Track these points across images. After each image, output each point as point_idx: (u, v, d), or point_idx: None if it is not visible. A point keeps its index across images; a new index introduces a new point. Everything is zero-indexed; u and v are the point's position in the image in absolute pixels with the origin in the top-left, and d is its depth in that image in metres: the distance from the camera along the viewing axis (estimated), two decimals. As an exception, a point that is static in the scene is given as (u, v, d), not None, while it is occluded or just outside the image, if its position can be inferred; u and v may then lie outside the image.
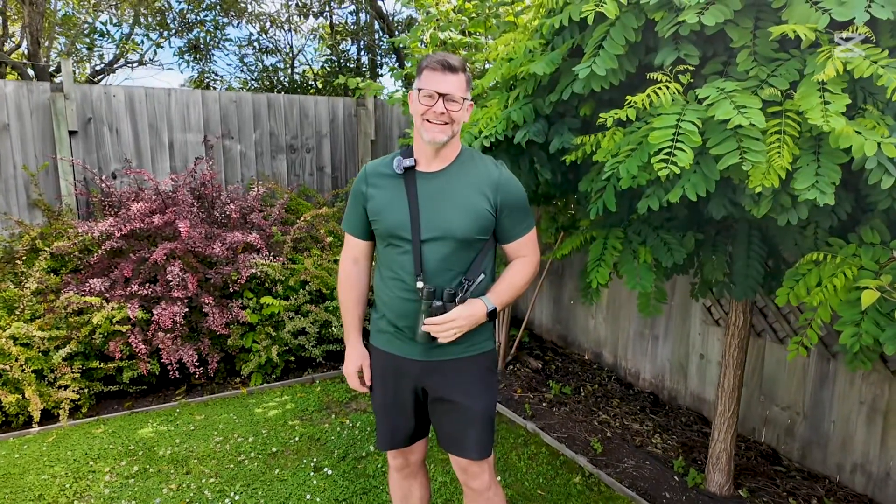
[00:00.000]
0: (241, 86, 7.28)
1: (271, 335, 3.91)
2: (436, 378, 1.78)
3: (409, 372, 1.80)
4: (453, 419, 1.80)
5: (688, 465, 3.05)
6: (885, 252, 1.73)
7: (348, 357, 1.91)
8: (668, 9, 1.72)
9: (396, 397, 1.86)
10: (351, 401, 3.77)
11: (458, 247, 1.68)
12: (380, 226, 1.75)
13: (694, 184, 1.64)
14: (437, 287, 1.65)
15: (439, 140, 1.63)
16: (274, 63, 7.22)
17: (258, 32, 6.79)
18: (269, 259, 3.75)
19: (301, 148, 4.89)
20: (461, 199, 1.67)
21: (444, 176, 1.70)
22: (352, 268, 1.89)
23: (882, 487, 2.78)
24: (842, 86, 1.49)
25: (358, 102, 5.06)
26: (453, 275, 1.69)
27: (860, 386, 2.84)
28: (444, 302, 1.64)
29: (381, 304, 1.82)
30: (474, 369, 1.79)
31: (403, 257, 1.70)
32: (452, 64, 1.62)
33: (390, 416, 1.90)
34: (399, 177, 1.73)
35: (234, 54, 6.77)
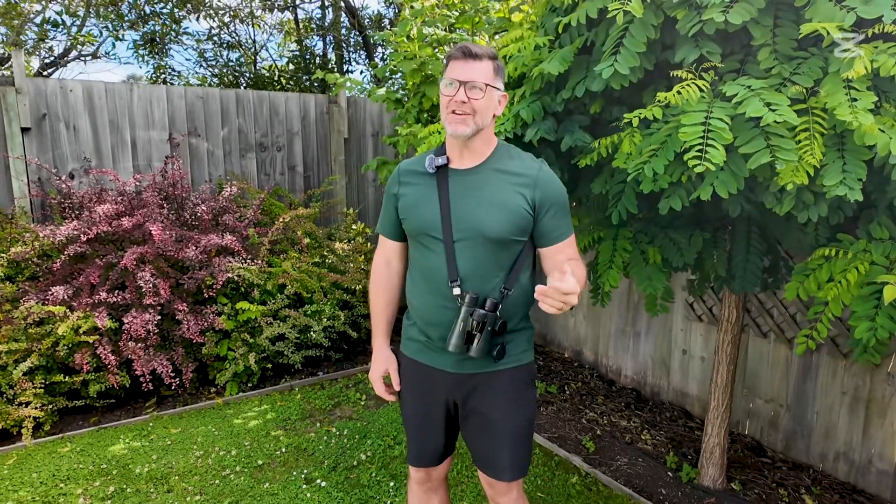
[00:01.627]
0: (199, 82, 6.98)
1: (248, 342, 3.74)
2: (469, 392, 1.69)
3: (441, 384, 1.70)
4: (486, 437, 1.71)
5: (680, 460, 3.09)
6: (895, 248, 1.78)
7: (374, 361, 1.83)
8: (689, 6, 1.71)
9: (427, 411, 1.76)
10: (335, 408, 3.65)
11: (492, 248, 1.59)
12: (409, 224, 1.68)
13: (723, 181, 1.63)
14: (479, 294, 1.57)
15: (461, 133, 1.55)
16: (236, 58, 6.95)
17: (218, 26, 6.53)
18: (247, 262, 3.59)
19: (272, 146, 4.72)
20: (495, 197, 1.58)
21: (477, 173, 1.62)
22: (384, 270, 1.82)
23: (864, 474, 2.88)
24: (867, 83, 1.51)
25: (330, 99, 4.92)
26: (489, 280, 1.59)
27: (843, 377, 2.94)
28: (487, 311, 1.55)
29: (412, 309, 1.74)
30: (510, 383, 1.69)
31: (436, 259, 1.62)
32: (475, 51, 1.54)
33: (421, 431, 1.81)
34: (432, 175, 1.66)
35: (193, 49, 6.47)
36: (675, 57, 1.77)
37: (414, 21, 3.07)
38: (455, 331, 1.56)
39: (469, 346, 1.56)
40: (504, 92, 1.65)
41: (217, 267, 3.48)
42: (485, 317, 1.54)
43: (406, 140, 2.86)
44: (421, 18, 3.07)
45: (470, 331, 1.55)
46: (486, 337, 1.55)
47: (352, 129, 5.02)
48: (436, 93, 3.02)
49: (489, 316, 1.54)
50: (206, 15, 6.15)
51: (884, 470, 2.81)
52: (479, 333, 1.55)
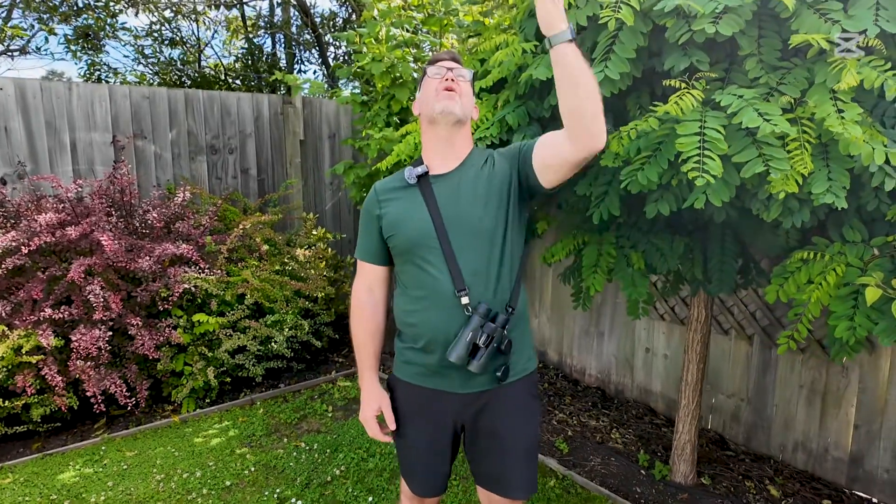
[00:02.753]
0: (136, 79, 6.59)
1: (206, 356, 3.56)
2: (478, 411, 1.63)
3: (448, 407, 1.63)
4: (498, 455, 1.64)
5: (651, 458, 3.15)
6: (868, 249, 1.86)
7: (365, 400, 1.71)
8: (678, 16, 1.73)
9: (434, 439, 1.67)
10: (301, 421, 3.52)
11: (490, 244, 1.55)
12: (399, 240, 1.61)
13: (716, 190, 1.65)
14: (490, 308, 1.53)
15: (452, 110, 1.55)
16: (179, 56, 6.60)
17: (158, 22, 6.17)
18: (205, 272, 3.40)
19: (223, 148, 4.51)
20: (481, 189, 1.57)
21: (457, 174, 1.61)
22: (367, 297, 1.72)
23: (821, 463, 3.03)
24: (851, 94, 1.57)
25: (285, 100, 4.76)
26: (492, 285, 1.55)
27: (800, 370, 3.08)
28: (497, 326, 1.50)
29: (409, 329, 1.63)
30: (518, 397, 1.64)
31: (436, 271, 1.55)
32: (454, 55, 1.68)
33: (427, 461, 1.70)
34: (413, 186, 1.61)
35: (131, 45, 6.10)
36: (665, 65, 1.79)
37: (383, 22, 2.99)
38: (461, 341, 1.49)
39: (471, 360, 1.51)
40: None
41: (172, 277, 3.28)
42: (494, 331, 1.50)
43: (378, 143, 2.78)
44: (389, 20, 3.00)
45: (476, 343, 1.50)
46: (491, 353, 1.51)
47: (308, 131, 4.88)
48: (406, 95, 2.96)
49: (497, 332, 1.50)
50: (145, 9, 5.81)
51: (839, 458, 2.96)
52: (484, 348, 1.50)
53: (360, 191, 3.44)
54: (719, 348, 3.40)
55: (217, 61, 7.07)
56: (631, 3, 1.69)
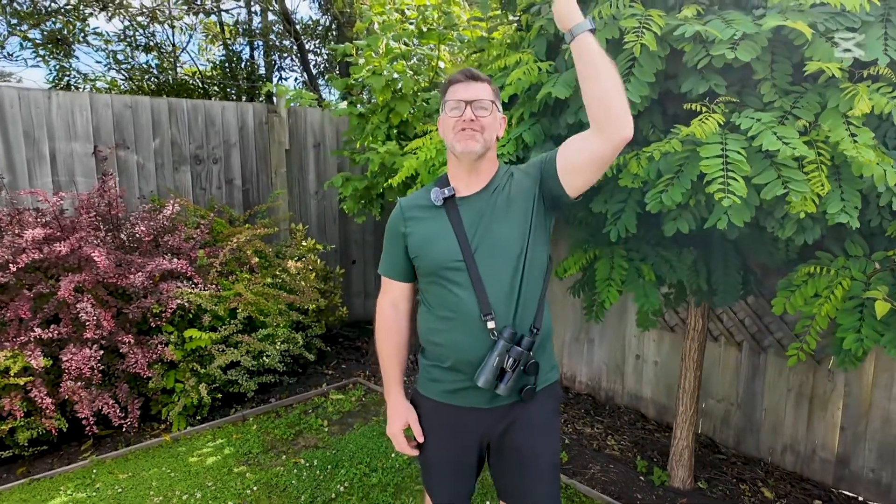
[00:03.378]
0: (108, 86, 6.38)
1: (197, 372, 3.48)
2: (506, 427, 1.65)
3: (472, 425, 1.65)
4: (523, 471, 1.67)
5: (649, 464, 3.22)
6: (870, 264, 1.95)
7: (392, 415, 1.72)
8: (695, 41, 1.79)
9: (459, 456, 1.69)
10: (297, 437, 3.47)
11: (519, 270, 1.57)
12: (425, 261, 1.62)
13: (737, 210, 1.71)
14: (515, 332, 1.55)
15: (472, 150, 1.54)
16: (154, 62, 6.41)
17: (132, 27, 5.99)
18: (200, 286, 3.33)
19: (207, 158, 4.42)
20: (509, 212, 1.58)
21: (484, 197, 1.61)
22: (391, 313, 1.73)
23: (809, 464, 3.15)
24: (862, 119, 1.65)
25: (269, 109, 4.69)
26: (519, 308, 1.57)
27: (788, 375, 3.20)
28: (524, 349, 1.53)
29: (434, 347, 1.65)
30: (541, 410, 1.66)
31: (463, 293, 1.57)
32: (476, 73, 1.58)
33: (453, 477, 1.72)
34: (439, 208, 1.62)
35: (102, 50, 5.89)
36: (682, 88, 1.85)
37: (385, 35, 2.99)
38: (487, 366, 1.52)
39: (498, 384, 1.53)
40: (503, 114, 1.66)
41: (165, 293, 3.20)
42: (521, 355, 1.52)
43: (381, 157, 2.77)
44: (390, 32, 3.00)
45: (504, 367, 1.52)
46: (518, 376, 1.53)
47: (293, 141, 4.82)
48: (406, 108, 2.96)
49: (524, 355, 1.53)
50: (117, 13, 5.63)
51: (826, 458, 3.09)
52: (511, 372, 1.52)
53: (358, 203, 3.42)
54: (710, 355, 3.50)
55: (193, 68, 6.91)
56: (652, 28, 1.74)
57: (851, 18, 1.67)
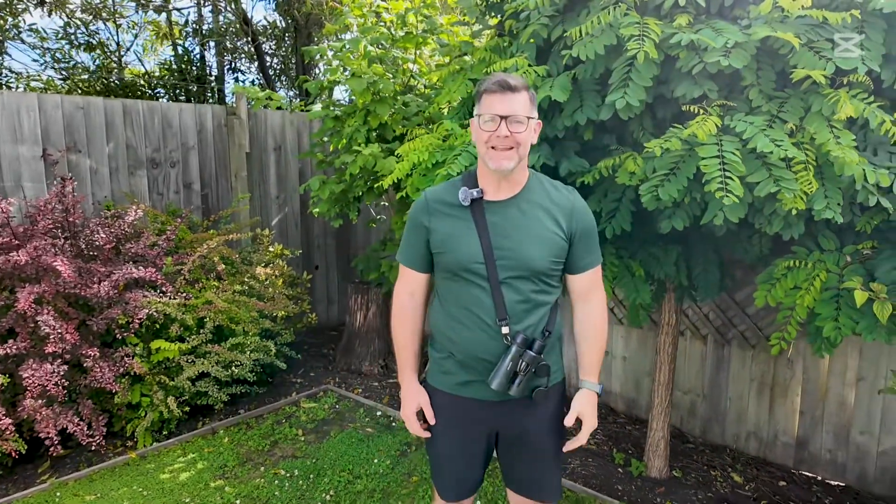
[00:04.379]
0: (44, 85, 5.97)
1: (165, 385, 3.32)
2: (511, 417, 1.68)
3: (482, 416, 1.69)
4: (532, 460, 1.72)
5: (626, 456, 3.33)
6: (842, 257, 2.11)
7: (405, 399, 1.75)
8: (689, 48, 1.88)
9: (466, 447, 1.73)
10: (273, 448, 3.38)
11: (536, 281, 1.60)
12: (446, 258, 1.63)
13: (731, 208, 1.81)
14: (529, 336, 1.59)
15: (506, 168, 1.54)
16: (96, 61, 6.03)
17: (73, 23, 5.64)
18: (169, 296, 3.18)
19: (164, 162, 4.24)
20: (536, 229, 1.59)
21: (514, 205, 1.62)
22: (408, 301, 1.76)
23: (772, 448, 3.35)
24: (843, 122, 1.78)
25: (229, 111, 4.55)
26: (532, 315, 1.61)
27: (750, 366, 3.39)
28: (535, 353, 1.57)
29: (448, 342, 1.68)
30: (548, 404, 1.70)
31: (481, 295, 1.60)
32: (512, 84, 1.52)
33: (461, 467, 1.76)
34: (465, 207, 1.63)
35: (38, 48, 5.51)
36: (676, 92, 1.94)
37: (365, 37, 2.96)
38: (501, 370, 1.56)
39: (511, 386, 1.57)
40: (539, 119, 1.65)
41: (132, 303, 3.04)
42: (533, 359, 1.56)
43: (364, 160, 2.74)
44: (369, 34, 2.97)
45: (516, 371, 1.57)
46: (529, 378, 1.58)
47: (253, 144, 4.69)
48: (386, 111, 2.95)
49: (535, 359, 1.57)
50: (56, 8, 5.29)
51: (787, 442, 3.29)
52: (523, 375, 1.56)
53: (334, 206, 3.37)
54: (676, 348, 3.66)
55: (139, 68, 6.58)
56: (651, 35, 1.82)
57: (830, 30, 1.80)
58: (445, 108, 2.87)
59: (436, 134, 2.45)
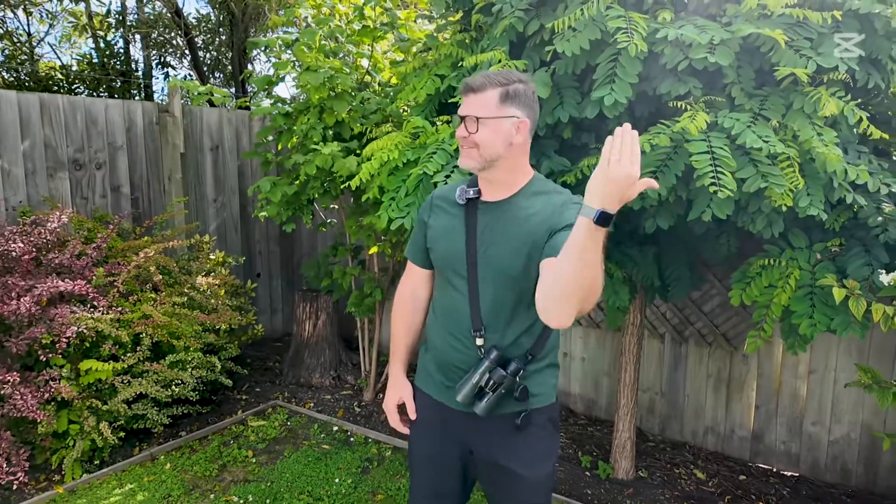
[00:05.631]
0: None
1: (97, 409, 2.99)
2: (484, 437, 1.56)
3: (455, 425, 1.60)
4: (506, 491, 1.58)
5: (593, 458, 3.30)
6: (813, 254, 2.15)
7: (389, 389, 1.74)
8: (673, 45, 1.85)
9: (439, 451, 1.64)
10: (222, 472, 3.11)
11: (516, 290, 1.46)
12: (434, 255, 1.62)
13: (718, 204, 1.79)
14: (505, 353, 1.48)
15: (467, 167, 1.48)
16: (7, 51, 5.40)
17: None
18: (101, 310, 2.86)
19: (89, 163, 3.86)
20: (516, 232, 1.46)
21: (503, 206, 1.51)
22: (409, 294, 1.75)
23: (729, 442, 3.42)
24: (823, 120, 1.80)
25: (161, 108, 4.21)
26: (513, 328, 1.49)
27: (707, 362, 3.45)
28: (507, 374, 1.45)
29: (431, 345, 1.65)
30: (531, 429, 1.53)
31: (459, 299, 1.53)
32: (472, 84, 1.44)
33: (430, 473, 1.67)
34: (462, 206, 1.56)
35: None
36: (660, 89, 1.90)
37: (321, 29, 2.77)
38: (468, 382, 1.49)
39: (477, 402, 1.48)
40: (522, 118, 1.48)
41: (58, 319, 2.71)
42: (503, 378, 1.45)
43: (324, 160, 2.56)
44: (326, 27, 2.79)
45: (483, 387, 1.47)
46: (497, 398, 1.47)
47: (188, 143, 4.37)
48: (344, 107, 2.77)
49: (507, 380, 1.45)
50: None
51: (743, 436, 3.37)
52: (491, 393, 1.46)
53: (286, 210, 3.16)
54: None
55: (56, 61, 5.98)
56: (638, 30, 1.77)
57: (809, 29, 1.82)
58: (405, 105, 2.73)
59: (404, 131, 2.31)
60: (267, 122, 4.86)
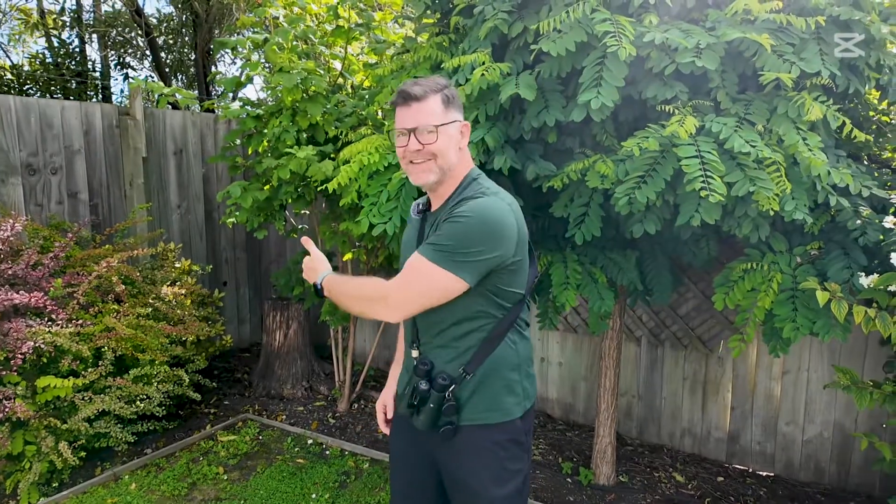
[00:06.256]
0: None
1: (55, 428, 2.82)
2: (443, 450, 1.51)
3: (416, 436, 1.56)
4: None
5: (574, 464, 3.28)
6: (793, 258, 2.16)
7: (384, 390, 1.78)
8: (660, 48, 1.84)
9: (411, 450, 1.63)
10: (192, 491, 2.97)
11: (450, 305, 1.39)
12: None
13: (706, 209, 1.78)
14: (432, 367, 1.45)
15: (425, 181, 1.43)
16: None
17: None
18: (62, 323, 2.69)
19: (44, 168, 3.66)
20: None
21: (438, 216, 1.46)
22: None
23: (705, 444, 3.45)
24: (808, 124, 1.81)
25: (121, 110, 4.03)
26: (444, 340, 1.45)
27: (683, 365, 3.48)
28: (431, 389, 1.41)
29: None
30: (486, 445, 1.46)
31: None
32: (414, 92, 1.38)
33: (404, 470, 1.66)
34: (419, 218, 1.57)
35: None
36: (647, 93, 1.89)
37: (294, 29, 2.67)
38: (405, 395, 1.52)
39: (415, 416, 1.46)
40: (465, 120, 1.48)
41: (13, 335, 2.54)
42: (426, 394, 1.42)
43: (299, 164, 2.47)
44: (298, 27, 2.69)
45: (412, 401, 1.45)
46: (431, 413, 1.42)
47: (150, 147, 4.19)
48: (318, 110, 2.69)
49: (432, 395, 1.41)
50: None
51: (720, 437, 3.40)
52: (420, 406, 1.44)
53: (258, 216, 3.04)
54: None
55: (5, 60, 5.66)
56: (626, 34, 1.75)
57: (792, 35, 1.83)
58: (381, 108, 2.67)
59: (384, 135, 2.24)
60: (234, 126, 4.72)
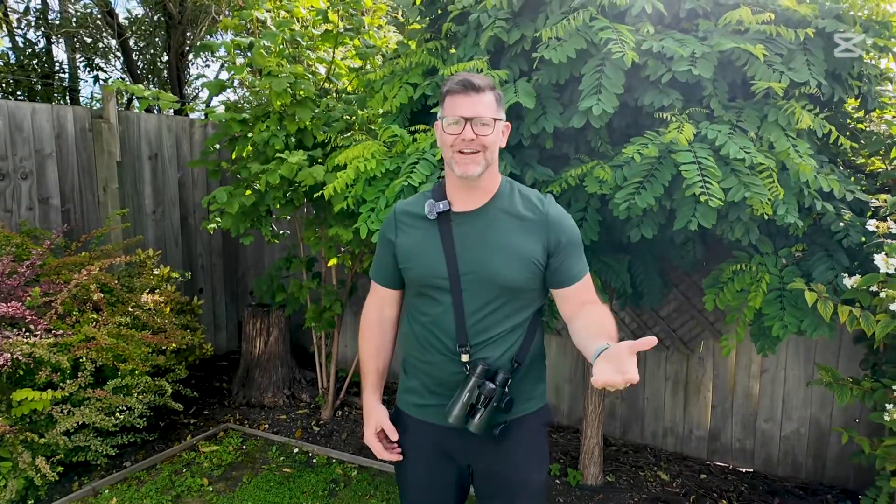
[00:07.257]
0: None
1: (32, 443, 2.71)
2: (483, 450, 1.53)
3: (451, 446, 1.55)
4: (506, 500, 1.56)
5: (561, 466, 3.31)
6: (779, 259, 2.24)
7: (365, 421, 1.62)
8: (656, 57, 1.89)
9: (435, 478, 1.59)
10: (176, 502, 2.89)
11: (504, 300, 1.45)
12: (411, 273, 1.53)
13: (703, 213, 1.83)
14: (491, 365, 1.45)
15: (472, 173, 1.42)
16: None
17: None
18: (41, 334, 2.59)
19: (14, 172, 3.52)
20: (505, 241, 1.45)
21: (483, 215, 1.48)
22: (375, 316, 1.66)
23: (687, 443, 3.53)
24: (797, 131, 1.88)
25: (94, 114, 3.91)
26: (500, 341, 1.46)
27: (665, 365, 3.56)
28: (497, 386, 1.42)
29: (412, 365, 1.58)
30: (527, 434, 1.54)
31: (443, 315, 1.48)
32: (476, 83, 1.40)
33: (426, 498, 1.62)
34: (433, 220, 1.50)
35: None
36: (643, 101, 1.94)
37: (282, 32, 2.64)
38: (458, 402, 1.44)
39: (470, 420, 1.44)
40: (507, 121, 1.53)
41: (-11, 346, 2.44)
42: (493, 392, 1.43)
43: (289, 169, 2.44)
44: (287, 30, 2.66)
45: (474, 404, 1.44)
46: (490, 412, 1.44)
47: (124, 152, 4.08)
48: (308, 114, 2.66)
49: (497, 391, 1.43)
50: None
51: (701, 436, 3.49)
52: (483, 408, 1.43)
53: (244, 221, 2.99)
54: (595, 354, 3.74)
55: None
56: (627, 41, 1.79)
57: (780, 45, 1.90)
58: (374, 114, 2.66)
59: (379, 140, 2.24)
60: (210, 129, 4.63)
